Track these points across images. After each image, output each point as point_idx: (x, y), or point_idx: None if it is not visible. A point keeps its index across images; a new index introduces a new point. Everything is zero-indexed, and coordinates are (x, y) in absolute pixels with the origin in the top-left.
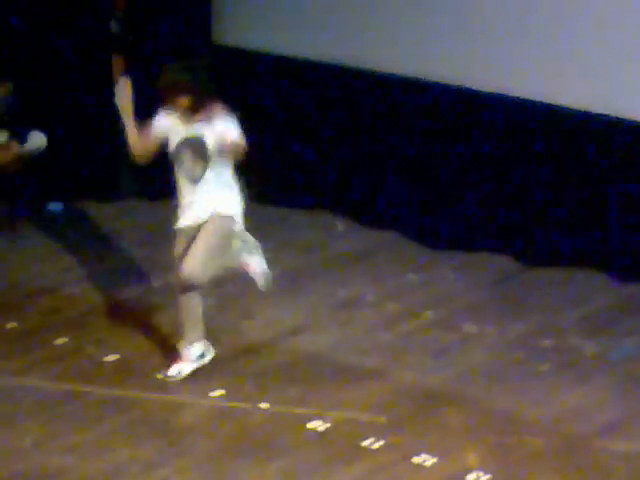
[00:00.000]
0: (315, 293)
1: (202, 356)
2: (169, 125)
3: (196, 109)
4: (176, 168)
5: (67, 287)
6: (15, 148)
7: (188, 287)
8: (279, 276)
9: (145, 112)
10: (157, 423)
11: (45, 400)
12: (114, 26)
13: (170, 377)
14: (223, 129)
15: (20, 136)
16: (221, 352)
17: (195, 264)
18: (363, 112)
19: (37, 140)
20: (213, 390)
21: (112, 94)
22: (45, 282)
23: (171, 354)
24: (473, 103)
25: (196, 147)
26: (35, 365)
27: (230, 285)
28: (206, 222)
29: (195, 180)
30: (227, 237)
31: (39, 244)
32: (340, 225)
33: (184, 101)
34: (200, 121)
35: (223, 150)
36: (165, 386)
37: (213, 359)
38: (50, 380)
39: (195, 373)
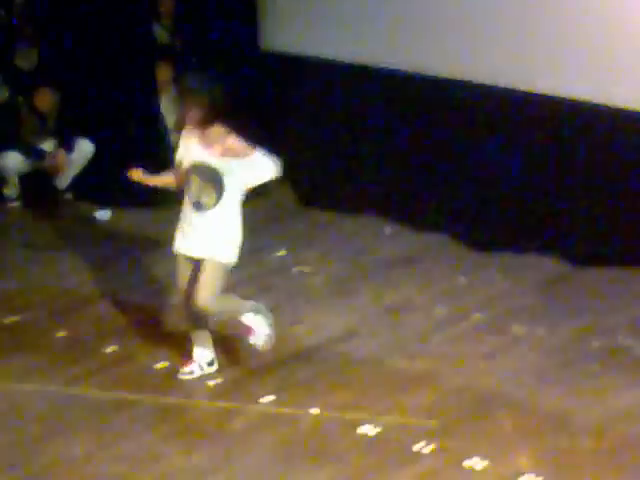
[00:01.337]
0: (364, 297)
1: (211, 364)
2: (187, 146)
3: (205, 125)
4: (184, 187)
5: (116, 295)
6: (62, 156)
7: (200, 317)
8: (327, 281)
9: None
10: (208, 430)
11: (96, 409)
12: (160, 33)
13: (183, 374)
14: (251, 161)
15: (67, 144)
16: (271, 358)
17: (207, 294)
18: (409, 115)
19: (84, 148)
20: (263, 396)
21: (158, 101)
22: (94, 290)
23: (220, 361)
24: (518, 103)
25: (207, 175)
26: (86, 373)
27: (278, 291)
28: (205, 261)
29: (199, 208)
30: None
31: (88, 252)
32: (388, 229)
33: (195, 114)
34: (218, 150)
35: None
36: (216, 393)
37: (264, 365)
38: (101, 389)
39: (245, 379)
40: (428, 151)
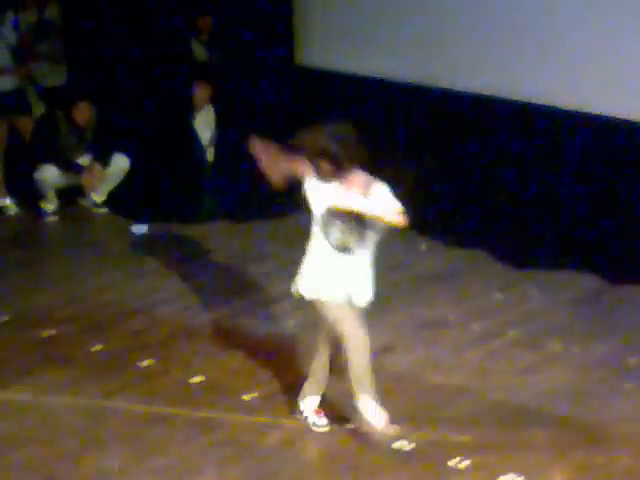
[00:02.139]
0: (399, 313)
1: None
2: (317, 189)
3: (338, 176)
4: (317, 232)
5: (151, 309)
6: (99, 171)
7: None
8: None
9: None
10: (244, 444)
11: (132, 422)
12: (198, 49)
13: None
14: (380, 201)
15: (103, 159)
16: (306, 373)
17: None
18: (444, 131)
19: (120, 163)
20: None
21: (194, 118)
22: (130, 304)
23: (256, 375)
24: (556, 123)
25: (350, 218)
26: (121, 387)
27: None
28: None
29: (345, 251)
30: None
31: (124, 266)
32: (424, 244)
33: (326, 167)
34: (356, 190)
35: (380, 224)
36: (251, 407)
37: (299, 379)
38: (136, 402)
39: (281, 393)
40: (464, 167)
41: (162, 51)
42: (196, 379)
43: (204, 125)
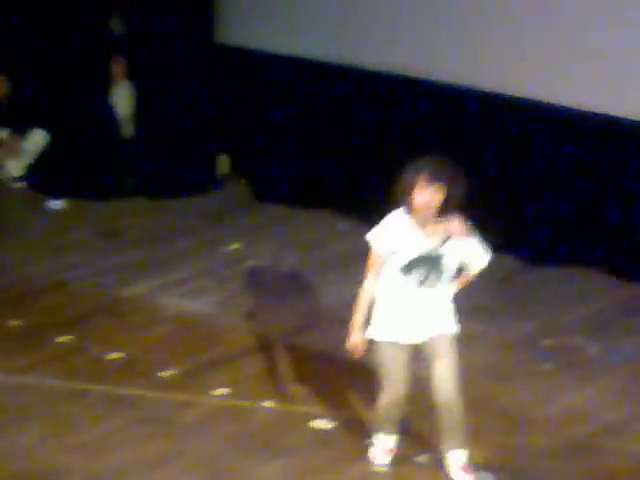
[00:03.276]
0: (318, 292)
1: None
2: (400, 234)
3: (442, 212)
4: (394, 273)
5: (69, 285)
6: (19, 144)
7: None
8: (282, 274)
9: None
10: (161, 422)
11: (48, 398)
12: (116, 24)
13: None
14: (468, 248)
15: (21, 133)
16: (224, 350)
17: (452, 388)
18: (364, 111)
19: (38, 137)
20: (216, 388)
21: (111, 92)
22: (47, 279)
23: (174, 352)
24: (471, 101)
25: (432, 266)
26: (38, 363)
27: (232, 284)
28: (436, 341)
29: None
30: None
31: (40, 241)
32: (342, 225)
33: (436, 200)
34: (441, 234)
35: (465, 273)
36: (169, 385)
37: (217, 357)
38: (53, 378)
39: (199, 371)
40: (384, 148)
41: (81, 25)
42: (114, 355)
43: (121, 100)
